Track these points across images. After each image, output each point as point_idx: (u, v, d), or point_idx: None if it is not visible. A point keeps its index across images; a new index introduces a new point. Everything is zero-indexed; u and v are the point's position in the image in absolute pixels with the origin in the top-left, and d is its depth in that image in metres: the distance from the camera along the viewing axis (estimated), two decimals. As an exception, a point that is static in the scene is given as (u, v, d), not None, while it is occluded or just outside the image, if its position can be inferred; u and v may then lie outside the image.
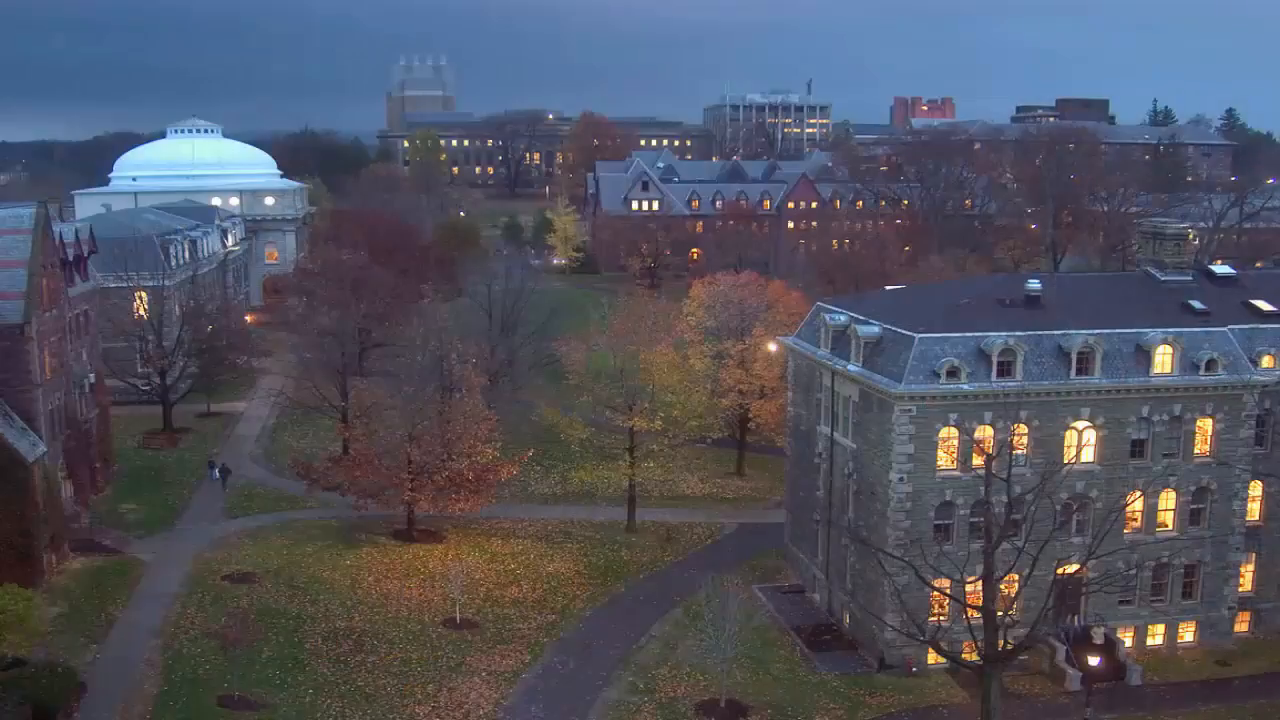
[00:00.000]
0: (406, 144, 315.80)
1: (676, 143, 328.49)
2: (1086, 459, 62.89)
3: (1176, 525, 65.21)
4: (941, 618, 60.37)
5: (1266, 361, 65.40)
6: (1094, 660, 59.94)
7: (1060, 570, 57.79)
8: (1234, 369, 64.05)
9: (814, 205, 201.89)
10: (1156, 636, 66.25)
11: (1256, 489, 66.57)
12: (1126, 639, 64.79)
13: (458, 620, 65.44)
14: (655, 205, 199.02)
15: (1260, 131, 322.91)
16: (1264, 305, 68.19)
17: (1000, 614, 53.24)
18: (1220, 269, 76.13)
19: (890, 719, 57.59)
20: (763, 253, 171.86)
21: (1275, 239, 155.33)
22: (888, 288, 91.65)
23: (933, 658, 60.29)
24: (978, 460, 58.41)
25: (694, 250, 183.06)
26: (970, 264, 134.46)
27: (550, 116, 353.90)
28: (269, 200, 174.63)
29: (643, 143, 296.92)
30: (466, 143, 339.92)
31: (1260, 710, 59.34)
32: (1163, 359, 63.35)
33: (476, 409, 78.69)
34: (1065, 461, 61.18)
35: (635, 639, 65.18)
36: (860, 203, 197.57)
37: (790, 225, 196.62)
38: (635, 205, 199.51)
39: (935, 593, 58.35)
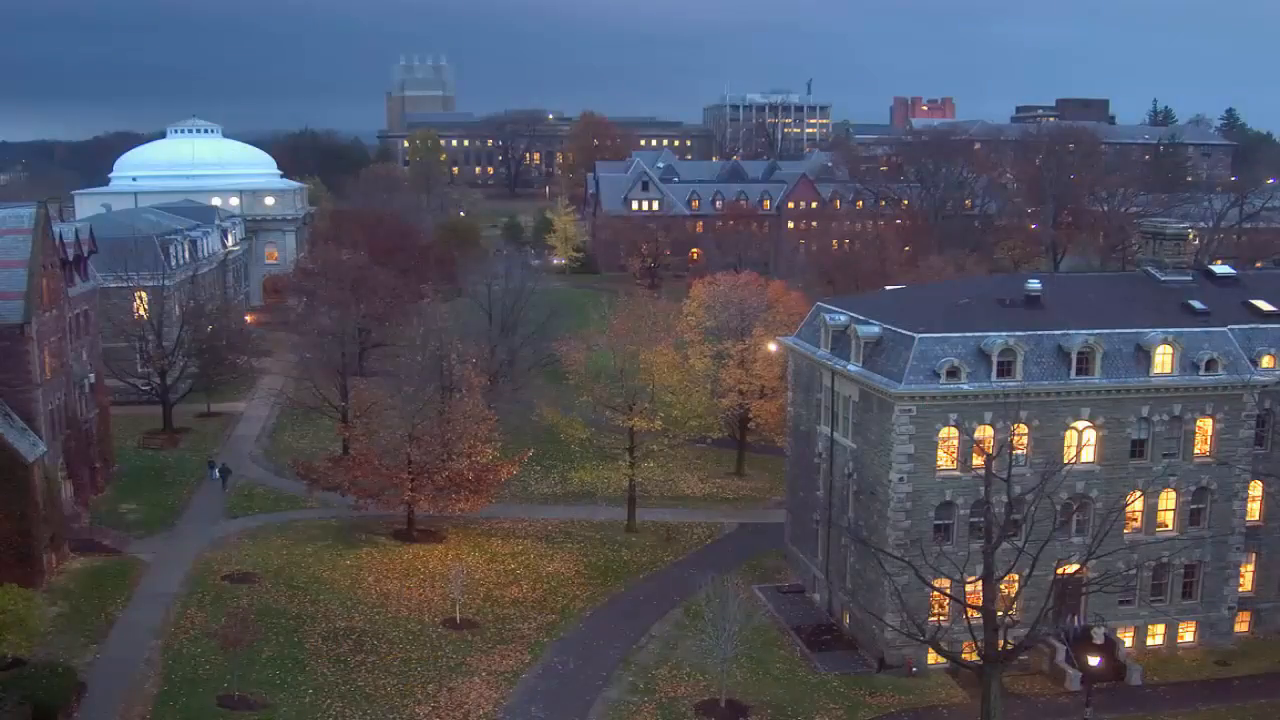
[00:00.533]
0: (406, 144, 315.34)
1: (676, 143, 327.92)
2: (1086, 459, 62.90)
3: (1176, 525, 65.24)
4: (941, 618, 60.37)
5: (1266, 361, 65.42)
6: (1094, 660, 59.95)
7: (1060, 570, 57.87)
8: (1234, 369, 64.06)
9: (814, 205, 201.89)
10: (1156, 636, 66.28)
11: (1256, 489, 66.63)
12: (1126, 639, 64.83)
13: (458, 620, 65.45)
14: (655, 205, 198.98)
15: (1260, 131, 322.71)
16: (1264, 305, 68.22)
17: (1000, 614, 53.25)
18: (1220, 269, 76.16)
19: (890, 719, 57.61)
20: (763, 253, 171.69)
21: (1275, 239, 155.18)
22: (888, 288, 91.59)
23: (933, 658, 60.32)
24: (978, 460, 58.42)
25: (694, 250, 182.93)
26: (970, 264, 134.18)
27: (550, 116, 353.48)
28: (269, 200, 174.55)
29: (643, 143, 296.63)
30: (466, 143, 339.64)
31: (1260, 710, 59.37)
32: (1163, 359, 63.36)
33: (476, 409, 78.72)
34: (1065, 461, 61.17)
35: (635, 639, 65.20)
36: (860, 203, 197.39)
37: (790, 225, 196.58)
38: (635, 205, 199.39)
39: (935, 593, 58.36)
